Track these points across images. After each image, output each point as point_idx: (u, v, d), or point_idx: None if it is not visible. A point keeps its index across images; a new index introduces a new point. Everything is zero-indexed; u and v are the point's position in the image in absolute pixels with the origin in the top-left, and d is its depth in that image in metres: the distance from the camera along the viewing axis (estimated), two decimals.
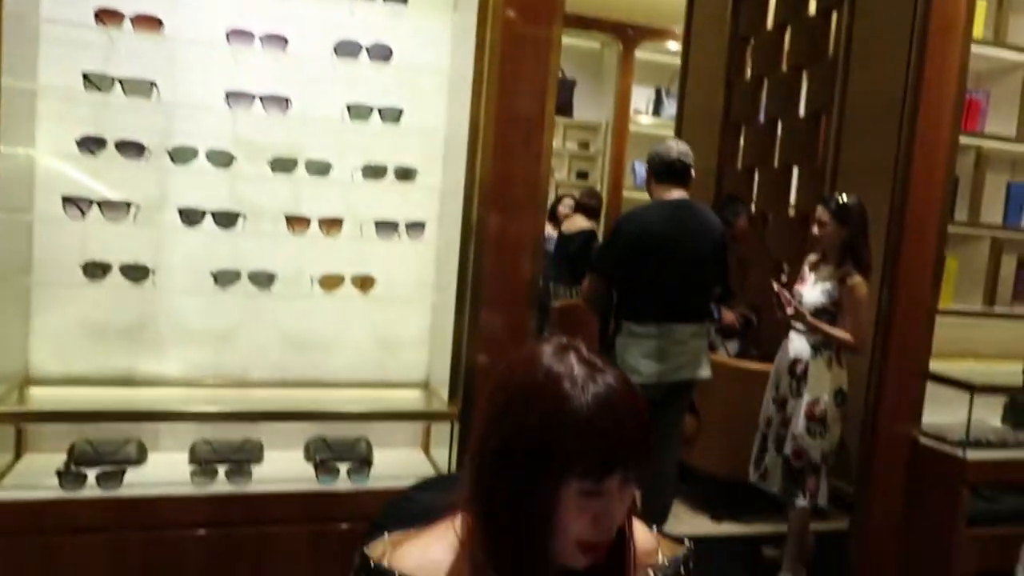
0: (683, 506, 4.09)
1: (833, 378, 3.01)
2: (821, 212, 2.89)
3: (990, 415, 2.80)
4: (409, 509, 1.23)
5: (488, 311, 2.02)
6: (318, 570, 1.90)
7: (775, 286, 3.06)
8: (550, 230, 5.62)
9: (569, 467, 0.86)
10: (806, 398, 3.02)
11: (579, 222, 5.45)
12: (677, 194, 3.05)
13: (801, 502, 3.05)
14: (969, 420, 2.41)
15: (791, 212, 4.74)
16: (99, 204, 1.79)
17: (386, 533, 1.03)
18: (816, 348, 3.04)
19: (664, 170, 3.05)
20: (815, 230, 2.94)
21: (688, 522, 3.81)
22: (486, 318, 2.02)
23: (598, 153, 6.91)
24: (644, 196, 3.53)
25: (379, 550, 0.99)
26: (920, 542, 2.47)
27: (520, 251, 2.08)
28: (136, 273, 1.83)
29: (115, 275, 1.82)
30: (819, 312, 2.98)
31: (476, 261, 1.99)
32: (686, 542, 1.11)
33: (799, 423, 3.02)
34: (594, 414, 0.86)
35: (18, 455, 1.96)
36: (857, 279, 2.87)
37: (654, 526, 1.10)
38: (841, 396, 3.00)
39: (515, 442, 0.89)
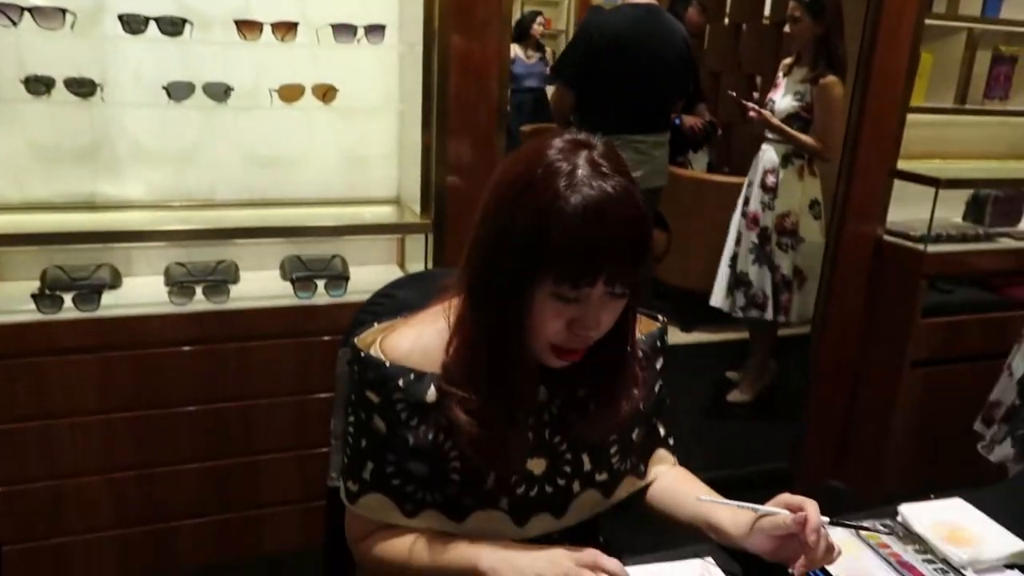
0: None
1: (805, 189, 3.02)
2: (794, 7, 2.79)
3: (955, 214, 2.86)
4: (389, 305, 1.25)
5: (455, 136, 1.96)
6: (302, 381, 1.97)
7: (733, 94, 3.03)
8: (518, 51, 5.41)
9: (546, 268, 0.84)
10: (777, 211, 3.04)
11: None
12: None
13: (771, 316, 3.14)
14: (932, 215, 2.46)
15: (765, 22, 4.59)
16: (30, 11, 1.66)
17: (375, 323, 1.05)
18: (787, 158, 3.01)
19: None
20: (788, 28, 2.85)
21: None
22: (453, 144, 1.97)
23: None
24: None
25: (369, 339, 1.00)
26: (878, 333, 2.60)
27: (485, 72, 1.99)
28: (83, 88, 1.73)
29: (60, 91, 1.73)
30: (790, 118, 2.93)
31: (440, 83, 1.91)
32: (660, 318, 1.14)
33: (772, 237, 3.08)
34: (580, 217, 0.82)
35: None
36: (830, 79, 2.80)
37: None
38: (817, 207, 3.01)
39: (503, 234, 0.88)
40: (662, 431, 1.15)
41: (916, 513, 1.06)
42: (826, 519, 0.91)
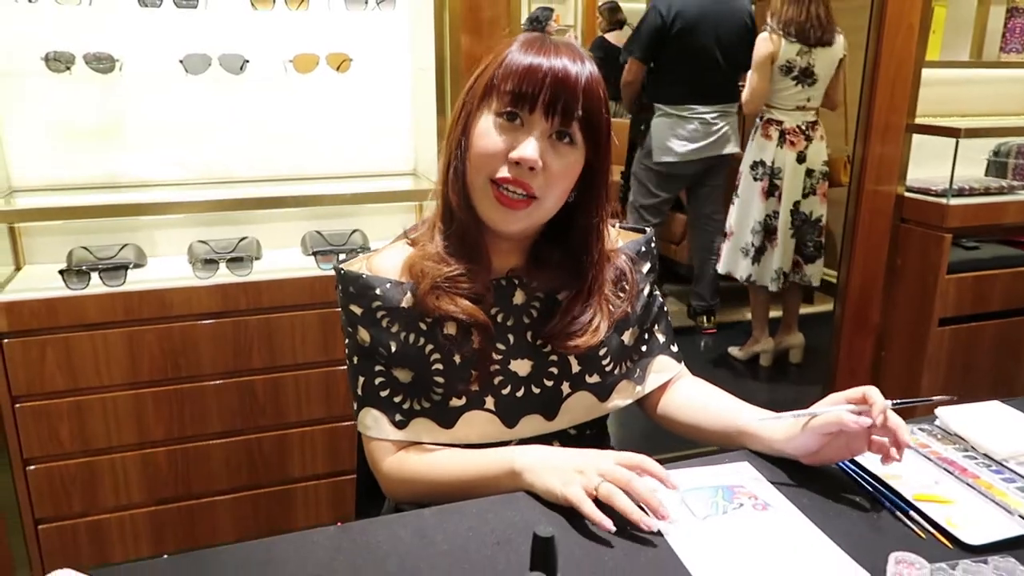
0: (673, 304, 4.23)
1: (753, 149, 3.16)
2: None
3: (976, 172, 2.83)
4: None
5: None
6: (328, 351, 1.98)
7: None
8: None
9: (492, 92, 0.93)
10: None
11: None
12: None
13: (715, 263, 3.42)
14: (953, 167, 2.43)
15: None
16: None
17: (360, 254, 1.09)
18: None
19: None
20: None
21: (677, 318, 3.95)
22: None
23: None
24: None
25: (356, 265, 1.04)
26: (902, 292, 2.57)
27: None
28: (102, 63, 1.76)
29: (80, 67, 1.76)
30: None
31: (452, 76, 1.93)
32: (647, 231, 1.15)
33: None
34: (526, 47, 0.93)
35: (17, 268, 1.98)
36: (763, 33, 2.93)
37: (617, 223, 1.14)
38: (761, 168, 3.09)
39: (469, 86, 0.97)
40: (661, 338, 1.14)
41: (954, 415, 1.04)
42: (890, 402, 0.89)
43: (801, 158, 3.05)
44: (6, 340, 1.73)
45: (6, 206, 1.83)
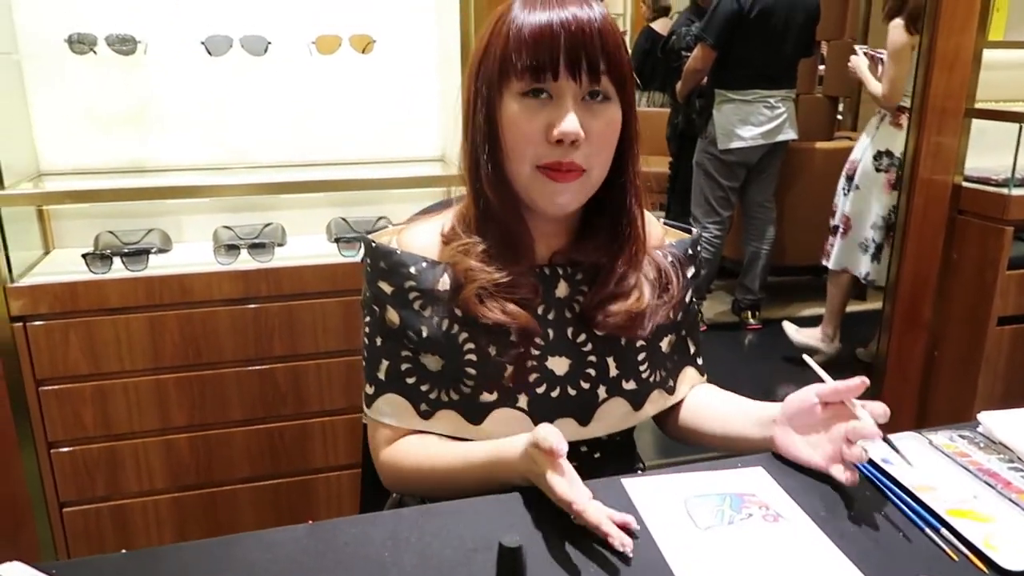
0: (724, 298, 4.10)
1: (877, 138, 2.96)
2: None
3: None
4: None
5: None
6: (348, 336, 1.94)
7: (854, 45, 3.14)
8: None
9: (508, 67, 0.85)
10: (852, 156, 3.09)
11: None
12: None
13: (824, 261, 3.18)
14: (1016, 154, 2.27)
15: None
16: None
17: (390, 225, 1.03)
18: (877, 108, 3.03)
19: None
20: None
21: (722, 315, 3.83)
22: None
23: None
24: None
25: (386, 238, 0.98)
26: (958, 289, 2.42)
27: None
28: (124, 45, 1.75)
29: (103, 49, 1.75)
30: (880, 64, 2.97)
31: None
32: (693, 231, 1.08)
33: (841, 180, 3.14)
34: (531, 6, 0.84)
35: (46, 252, 2.00)
36: (895, 22, 2.74)
37: (662, 219, 1.07)
38: (887, 159, 2.90)
39: (475, 63, 0.89)
40: (692, 348, 1.08)
41: (998, 421, 0.94)
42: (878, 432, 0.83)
43: None
44: (30, 323, 1.74)
45: (34, 189, 1.84)
